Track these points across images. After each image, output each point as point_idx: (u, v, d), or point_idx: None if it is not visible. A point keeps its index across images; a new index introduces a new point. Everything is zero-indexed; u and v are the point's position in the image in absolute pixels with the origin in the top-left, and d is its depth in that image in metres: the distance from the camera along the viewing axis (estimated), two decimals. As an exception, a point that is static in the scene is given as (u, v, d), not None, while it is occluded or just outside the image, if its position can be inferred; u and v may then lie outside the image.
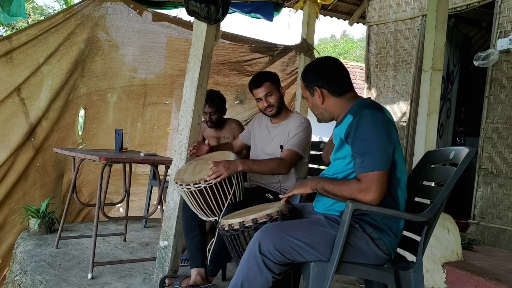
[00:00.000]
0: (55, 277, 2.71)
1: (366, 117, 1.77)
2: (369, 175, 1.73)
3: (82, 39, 3.98)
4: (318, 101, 1.98)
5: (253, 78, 2.77)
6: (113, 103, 4.44)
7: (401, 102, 5.24)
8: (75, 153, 3.07)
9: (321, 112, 2.01)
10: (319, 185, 1.87)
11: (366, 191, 1.72)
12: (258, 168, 2.53)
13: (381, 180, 1.73)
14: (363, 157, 1.75)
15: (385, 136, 1.76)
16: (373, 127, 1.76)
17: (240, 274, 1.75)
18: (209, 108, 3.43)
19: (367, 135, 1.76)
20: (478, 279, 2.79)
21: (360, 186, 1.74)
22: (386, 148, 1.76)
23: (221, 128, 3.57)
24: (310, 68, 2.03)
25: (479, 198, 4.22)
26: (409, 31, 5.18)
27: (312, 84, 1.97)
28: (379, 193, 1.73)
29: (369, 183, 1.72)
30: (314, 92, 1.97)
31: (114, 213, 4.70)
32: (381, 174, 1.73)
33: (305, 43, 4.74)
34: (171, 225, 2.73)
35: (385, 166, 1.74)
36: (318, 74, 1.97)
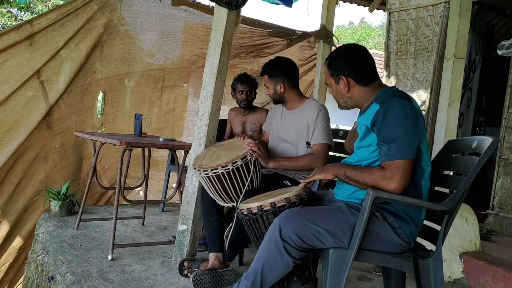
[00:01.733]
0: (76, 257, 2.77)
1: (394, 105, 1.75)
2: (394, 163, 1.72)
3: (101, 24, 4.01)
4: (344, 90, 1.96)
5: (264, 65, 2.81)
6: (131, 87, 4.48)
7: (421, 90, 5.17)
8: (96, 137, 3.11)
9: (345, 100, 1.99)
10: (341, 171, 1.86)
11: (389, 179, 1.71)
12: (290, 165, 2.56)
13: (406, 168, 1.72)
14: (389, 145, 1.73)
15: (413, 125, 1.75)
16: (401, 116, 1.74)
17: (261, 259, 1.77)
18: (246, 86, 3.51)
19: (394, 123, 1.74)
20: (496, 270, 2.77)
21: (384, 173, 1.73)
22: (413, 137, 1.74)
23: (249, 113, 3.61)
24: (337, 55, 1.99)
25: (499, 189, 4.16)
26: (431, 18, 5.07)
27: (338, 72, 1.95)
28: (402, 182, 1.71)
29: (393, 171, 1.72)
30: (339, 81, 1.95)
31: (133, 197, 4.77)
32: (406, 162, 1.72)
33: (324, 30, 4.69)
34: (189, 210, 2.76)
35: (411, 155, 1.73)
36: (345, 62, 1.94)
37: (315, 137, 2.61)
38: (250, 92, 3.54)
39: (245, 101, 3.51)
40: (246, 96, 3.51)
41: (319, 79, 4.71)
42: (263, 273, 1.77)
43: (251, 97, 3.56)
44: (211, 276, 2.40)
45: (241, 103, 3.54)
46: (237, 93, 3.53)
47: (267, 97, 5.33)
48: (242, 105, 3.54)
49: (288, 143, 2.71)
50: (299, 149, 2.67)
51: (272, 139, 2.86)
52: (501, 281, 2.73)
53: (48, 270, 2.68)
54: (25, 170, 3.91)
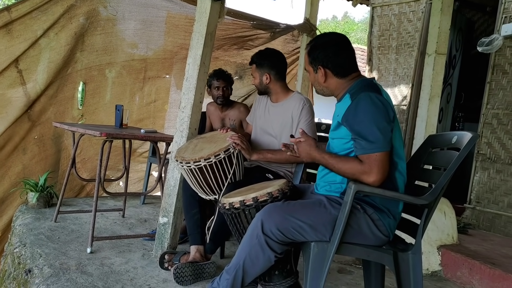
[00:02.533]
0: (54, 250, 2.73)
1: (363, 99, 1.77)
2: (371, 156, 1.73)
3: (82, 12, 3.91)
4: (321, 79, 1.98)
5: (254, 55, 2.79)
6: (112, 78, 4.40)
7: (402, 85, 5.22)
8: (75, 128, 3.05)
9: (321, 88, 2.02)
10: (323, 159, 1.88)
11: (368, 173, 1.73)
12: (274, 158, 2.56)
13: (383, 160, 1.73)
14: (364, 139, 1.75)
15: (383, 117, 1.76)
16: (371, 109, 1.76)
17: (242, 253, 1.77)
18: (222, 82, 3.44)
19: (365, 117, 1.76)
20: (473, 262, 2.83)
21: (362, 167, 1.75)
22: (386, 129, 1.76)
23: (227, 109, 3.55)
24: (317, 45, 1.99)
25: (476, 183, 4.25)
26: (413, 13, 5.12)
27: (317, 62, 1.96)
28: (381, 174, 1.73)
29: (371, 165, 1.73)
30: (317, 70, 1.97)
31: (113, 189, 4.71)
32: (383, 155, 1.74)
33: (308, 23, 4.68)
34: (170, 202, 2.74)
35: (386, 147, 1.75)
36: (325, 53, 1.94)
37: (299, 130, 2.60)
38: (226, 88, 3.47)
39: (221, 97, 3.46)
40: (222, 92, 3.45)
41: (302, 72, 4.71)
42: (245, 267, 1.77)
43: (227, 93, 3.49)
44: (192, 269, 2.39)
45: (217, 100, 3.48)
46: (213, 89, 3.46)
47: (249, 89, 5.34)
48: (219, 101, 3.48)
49: (271, 135, 2.70)
50: (282, 142, 2.66)
51: (255, 131, 2.85)
52: (477, 274, 2.79)
53: (25, 263, 2.63)
54: (2, 162, 3.82)
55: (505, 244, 3.52)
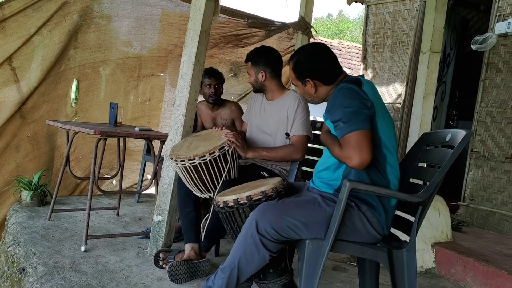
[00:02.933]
0: (48, 249, 2.71)
1: (336, 90, 1.86)
2: (346, 138, 1.75)
3: (76, 10, 3.89)
4: (311, 91, 2.01)
5: (249, 52, 2.78)
6: (106, 75, 4.39)
7: (397, 83, 5.24)
8: (69, 126, 3.04)
9: (313, 99, 2.06)
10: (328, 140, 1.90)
11: (348, 158, 1.74)
12: (269, 155, 2.55)
13: (360, 140, 1.72)
14: (337, 123, 1.79)
15: (357, 101, 1.78)
16: (341, 95, 1.81)
17: (237, 252, 1.77)
18: (214, 80, 3.41)
19: (337, 103, 1.81)
20: (467, 260, 2.85)
21: (342, 153, 1.78)
22: (358, 111, 1.76)
23: (219, 108, 3.52)
24: (299, 59, 2.01)
25: (470, 181, 4.27)
26: (407, 12, 5.14)
27: (303, 76, 2.00)
28: (361, 155, 1.71)
29: (348, 148, 1.74)
30: (306, 83, 2.00)
31: (107, 187, 4.69)
32: (357, 134, 1.73)
33: (302, 21, 4.68)
34: (165, 201, 2.74)
35: (360, 127, 1.73)
36: (308, 65, 1.97)
37: (295, 129, 2.60)
38: (217, 86, 3.43)
39: (213, 95, 3.41)
40: (214, 90, 3.40)
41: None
42: (240, 266, 1.78)
43: (219, 92, 3.45)
44: (187, 267, 2.39)
45: (209, 98, 3.42)
46: (204, 87, 3.40)
47: (246, 88, 5.34)
48: (211, 100, 3.42)
49: (266, 133, 2.70)
50: (277, 140, 2.66)
51: (250, 129, 2.85)
52: (471, 271, 2.80)
53: (19, 261, 2.62)
54: None
55: (498, 241, 3.54)
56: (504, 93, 4.05)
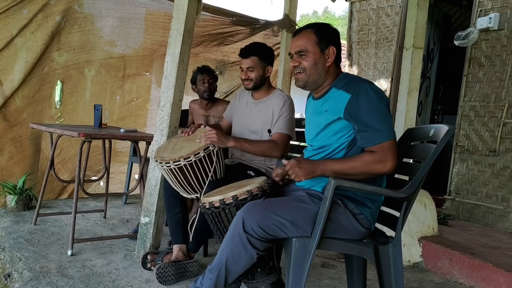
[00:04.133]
0: (34, 253, 2.68)
1: (366, 91, 1.79)
2: (384, 145, 1.76)
3: (58, 11, 3.86)
4: (326, 62, 1.91)
5: (245, 47, 2.72)
6: (91, 76, 4.35)
7: (382, 79, 5.27)
8: (53, 129, 3.00)
9: (319, 73, 1.91)
10: (327, 168, 1.80)
11: (384, 162, 1.75)
12: (250, 148, 2.51)
13: (394, 147, 1.78)
14: (373, 129, 1.77)
15: (385, 105, 1.81)
16: (375, 99, 1.78)
17: (225, 252, 1.76)
18: (207, 75, 3.46)
19: (372, 108, 1.77)
20: (453, 253, 2.88)
21: (377, 157, 1.76)
22: (389, 117, 1.81)
23: (212, 106, 3.55)
24: (328, 26, 1.98)
25: (455, 175, 4.32)
26: (391, 8, 5.17)
27: (329, 41, 1.91)
28: (395, 161, 1.77)
29: (386, 153, 1.75)
30: (327, 51, 1.90)
31: (95, 189, 4.65)
32: (393, 142, 1.78)
33: (287, 19, 4.68)
34: (152, 202, 2.72)
35: (393, 134, 1.80)
36: (337, 35, 1.95)
37: (277, 126, 2.60)
38: (212, 81, 3.48)
39: (207, 90, 3.44)
40: (208, 85, 3.45)
41: (283, 68, 4.71)
42: (228, 266, 1.77)
43: (213, 87, 3.50)
44: (175, 269, 2.38)
45: (204, 94, 3.46)
46: (199, 83, 3.46)
47: (231, 85, 5.33)
48: (206, 95, 3.46)
49: (253, 133, 2.69)
50: (263, 139, 2.66)
51: (237, 128, 2.83)
52: (457, 264, 2.84)
53: (5, 267, 2.58)
54: None
55: (484, 233, 3.59)
56: (487, 88, 4.10)
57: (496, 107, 4.00)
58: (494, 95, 4.03)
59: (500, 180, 3.93)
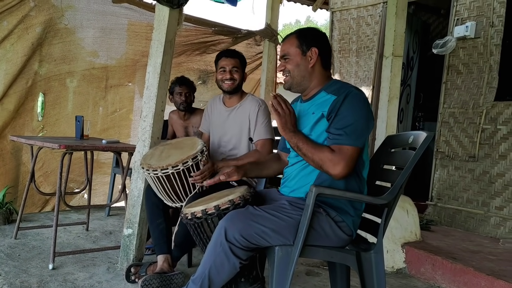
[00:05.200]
0: (14, 268, 2.63)
1: (355, 95, 1.81)
2: (344, 148, 1.77)
3: (38, 22, 3.83)
4: (308, 64, 1.94)
5: (226, 50, 2.77)
6: (73, 87, 4.31)
7: (363, 87, 5.33)
8: (33, 141, 2.96)
9: (303, 75, 1.95)
10: (293, 138, 1.84)
11: (336, 163, 1.76)
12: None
13: (353, 156, 1.77)
14: (343, 130, 1.78)
15: (366, 117, 1.82)
16: (360, 106, 1.81)
17: (207, 262, 1.75)
18: (185, 88, 3.47)
19: (351, 112, 1.79)
20: (435, 258, 2.92)
21: (332, 156, 1.77)
22: (365, 128, 1.81)
23: (190, 116, 3.56)
24: (311, 30, 2.01)
25: (437, 181, 4.39)
26: (371, 17, 5.25)
27: (312, 43, 1.93)
28: (347, 169, 1.76)
29: (341, 156, 1.76)
30: (309, 52, 1.93)
31: (78, 201, 4.59)
32: (354, 150, 1.78)
33: (269, 29, 4.72)
34: (135, 213, 2.70)
35: (359, 144, 1.79)
36: (320, 38, 1.96)
37: (258, 133, 2.62)
38: (189, 94, 3.50)
39: (184, 103, 3.47)
40: (185, 98, 3.47)
41: (265, 77, 4.74)
42: (210, 276, 1.76)
43: (190, 99, 3.52)
44: (160, 281, 2.35)
45: (180, 106, 3.49)
46: (176, 95, 3.48)
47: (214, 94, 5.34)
48: (182, 107, 3.49)
49: (230, 141, 2.70)
50: (241, 146, 2.68)
51: (213, 138, 2.84)
52: (440, 269, 2.87)
53: (-16, 283, 2.53)
54: None
55: (465, 238, 3.65)
56: (465, 94, 4.18)
57: (475, 113, 4.08)
58: (472, 102, 4.11)
59: (480, 185, 4.00)
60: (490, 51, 3.99)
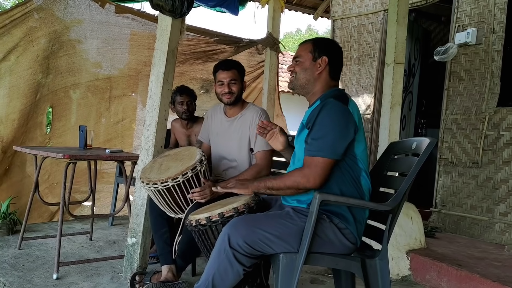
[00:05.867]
0: (18, 278, 2.63)
1: (328, 105, 1.83)
2: (314, 159, 1.79)
3: (43, 34, 3.85)
4: (317, 69, 1.98)
5: (223, 61, 2.77)
6: (78, 99, 4.33)
7: (365, 95, 5.35)
8: (37, 151, 2.97)
9: (308, 79, 2.00)
10: (260, 185, 1.93)
11: (308, 176, 1.78)
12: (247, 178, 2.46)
13: (324, 167, 1.79)
14: (314, 141, 1.80)
15: (342, 127, 1.81)
16: (332, 116, 1.81)
17: (211, 269, 1.75)
18: (186, 97, 3.48)
19: (323, 122, 1.81)
20: (441, 265, 2.90)
21: (303, 171, 1.80)
22: (339, 138, 1.80)
23: (192, 125, 3.57)
24: (328, 40, 2.10)
25: (440, 187, 4.37)
26: (372, 25, 5.28)
27: (323, 52, 1.98)
28: (320, 179, 1.78)
29: (312, 169, 1.78)
30: (319, 59, 1.98)
31: (82, 212, 4.59)
32: (326, 161, 1.78)
33: (270, 37, 4.75)
34: (139, 222, 2.70)
35: (332, 155, 1.79)
36: (333, 49, 2.02)
37: (259, 144, 2.62)
38: (190, 103, 3.52)
39: (186, 112, 3.49)
40: (187, 107, 3.48)
41: (268, 86, 4.76)
42: (214, 283, 1.76)
43: (192, 108, 3.54)
44: (163, 289, 2.35)
45: (182, 115, 3.51)
46: (177, 105, 3.50)
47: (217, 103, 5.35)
48: (184, 116, 3.51)
49: (231, 152, 2.71)
50: (242, 156, 2.68)
51: (214, 148, 2.83)
52: (445, 276, 2.85)
53: (-12, 293, 2.53)
54: None
55: (470, 245, 3.63)
56: (467, 100, 4.19)
57: (477, 120, 4.08)
58: (475, 108, 4.11)
59: (484, 192, 3.99)
60: (492, 57, 4.00)
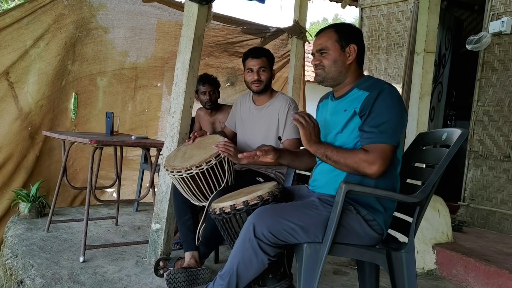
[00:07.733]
0: (46, 260, 2.70)
1: (387, 92, 1.78)
2: (378, 146, 1.74)
3: (71, 21, 3.89)
4: (346, 59, 1.91)
5: (252, 48, 2.76)
6: (103, 87, 4.38)
7: (393, 85, 5.23)
8: (65, 136, 3.03)
9: (339, 71, 1.92)
10: (320, 149, 1.82)
11: (371, 163, 1.72)
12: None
13: (388, 154, 1.74)
14: (376, 129, 1.74)
15: (401, 114, 1.80)
16: (394, 103, 1.78)
17: (235, 258, 1.75)
18: (208, 87, 3.45)
19: (384, 109, 1.76)
20: (468, 260, 2.83)
21: (367, 156, 1.73)
22: (399, 125, 1.79)
23: (216, 113, 3.56)
24: (349, 25, 2.01)
25: (469, 181, 4.26)
26: (401, 13, 5.15)
27: (350, 40, 1.91)
28: (384, 167, 1.73)
29: (377, 155, 1.73)
30: (347, 48, 1.91)
31: (105, 198, 4.67)
32: (389, 148, 1.75)
33: (297, 26, 4.69)
34: (163, 208, 2.72)
35: (394, 142, 1.76)
36: (358, 34, 1.97)
37: (287, 132, 2.60)
38: (213, 92, 3.48)
39: (209, 101, 3.47)
40: (209, 96, 3.46)
41: (293, 75, 4.71)
42: (238, 272, 1.75)
43: (214, 97, 3.50)
44: (185, 275, 2.37)
45: (206, 105, 3.50)
46: (200, 94, 3.47)
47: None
48: (207, 106, 3.50)
49: (258, 140, 2.69)
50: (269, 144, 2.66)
51: (243, 137, 2.83)
52: (472, 271, 2.78)
53: (17, 274, 2.60)
54: (4, 182, 3.78)
55: (499, 240, 3.53)
56: (501, 92, 4.05)
57: (511, 112, 3.95)
58: (508, 100, 3.97)
59: (515, 186, 3.87)
60: (527, 47, 3.85)
